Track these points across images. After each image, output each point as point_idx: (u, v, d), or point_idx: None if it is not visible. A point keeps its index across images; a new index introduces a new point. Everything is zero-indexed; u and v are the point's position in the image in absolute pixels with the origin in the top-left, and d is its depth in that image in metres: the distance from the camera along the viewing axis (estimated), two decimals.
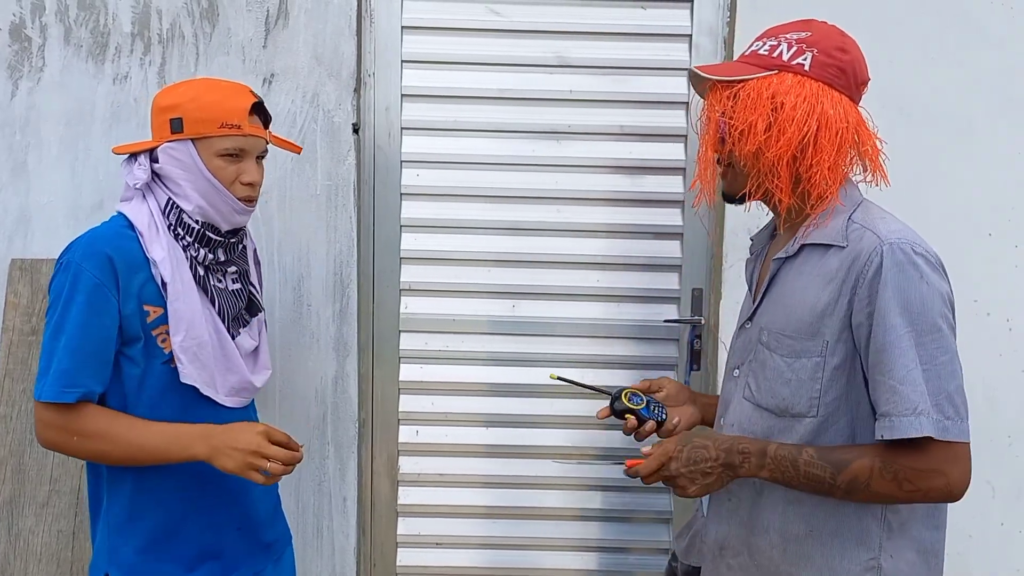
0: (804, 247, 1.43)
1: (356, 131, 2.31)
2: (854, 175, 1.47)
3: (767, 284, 1.49)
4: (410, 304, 2.41)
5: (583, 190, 2.37)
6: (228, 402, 1.67)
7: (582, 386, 1.70)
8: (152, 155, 1.62)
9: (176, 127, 1.59)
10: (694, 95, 2.27)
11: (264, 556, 1.77)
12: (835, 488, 1.33)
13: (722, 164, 1.49)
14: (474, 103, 2.35)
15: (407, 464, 2.46)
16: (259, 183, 1.68)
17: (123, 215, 1.62)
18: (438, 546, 2.47)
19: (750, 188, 1.44)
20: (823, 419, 1.38)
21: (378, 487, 2.46)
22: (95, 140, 2.26)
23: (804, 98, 1.37)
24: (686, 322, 2.40)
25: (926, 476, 1.29)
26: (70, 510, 2.17)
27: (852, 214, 1.40)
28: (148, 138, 1.66)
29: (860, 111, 1.43)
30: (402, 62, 2.33)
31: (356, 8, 2.28)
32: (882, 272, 1.30)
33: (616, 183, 2.38)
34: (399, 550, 2.48)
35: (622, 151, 2.37)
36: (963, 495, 1.33)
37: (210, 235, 1.64)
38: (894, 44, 2.27)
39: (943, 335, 1.30)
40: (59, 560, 2.16)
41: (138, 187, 1.60)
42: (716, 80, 1.44)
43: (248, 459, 1.50)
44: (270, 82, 2.28)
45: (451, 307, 2.41)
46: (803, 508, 1.41)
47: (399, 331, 2.41)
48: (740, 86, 1.42)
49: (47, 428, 1.53)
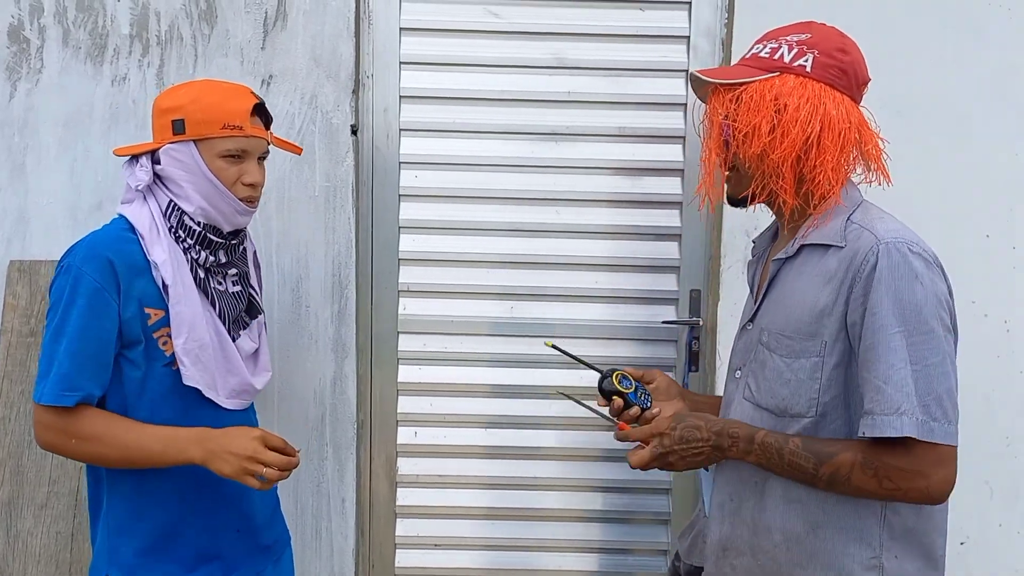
0: (804, 248, 1.43)
1: (354, 132, 2.31)
2: (855, 175, 1.47)
3: (767, 285, 1.49)
4: (408, 305, 2.41)
5: (581, 191, 2.38)
6: (228, 404, 1.67)
7: (575, 359, 1.69)
8: (154, 156, 1.62)
9: (178, 128, 1.59)
10: (692, 97, 2.29)
11: (263, 558, 1.77)
12: (817, 479, 1.35)
13: (726, 167, 1.49)
14: (472, 104, 2.35)
15: (406, 465, 2.46)
16: (261, 184, 1.68)
17: (124, 218, 1.62)
18: (436, 547, 2.47)
19: (755, 190, 1.45)
20: (821, 418, 1.39)
21: (377, 488, 2.46)
22: (94, 141, 2.26)
23: (807, 99, 1.38)
24: (684, 323, 2.40)
25: (907, 476, 1.30)
26: (69, 511, 2.17)
27: (851, 215, 1.41)
28: (147, 139, 1.67)
29: (862, 111, 1.44)
30: (400, 63, 2.34)
31: (354, 9, 2.28)
32: (876, 271, 1.31)
33: (614, 184, 2.38)
34: (398, 551, 2.48)
35: (620, 152, 2.37)
36: (945, 499, 1.32)
37: (211, 237, 1.64)
38: (891, 46, 2.27)
39: (935, 336, 1.30)
40: (58, 561, 2.16)
41: (140, 189, 1.61)
42: (718, 83, 1.44)
43: (244, 464, 1.50)
44: (268, 83, 2.28)
45: (449, 308, 2.41)
46: (804, 506, 1.41)
47: (398, 332, 2.41)
48: (743, 89, 1.42)
49: (46, 430, 1.54)
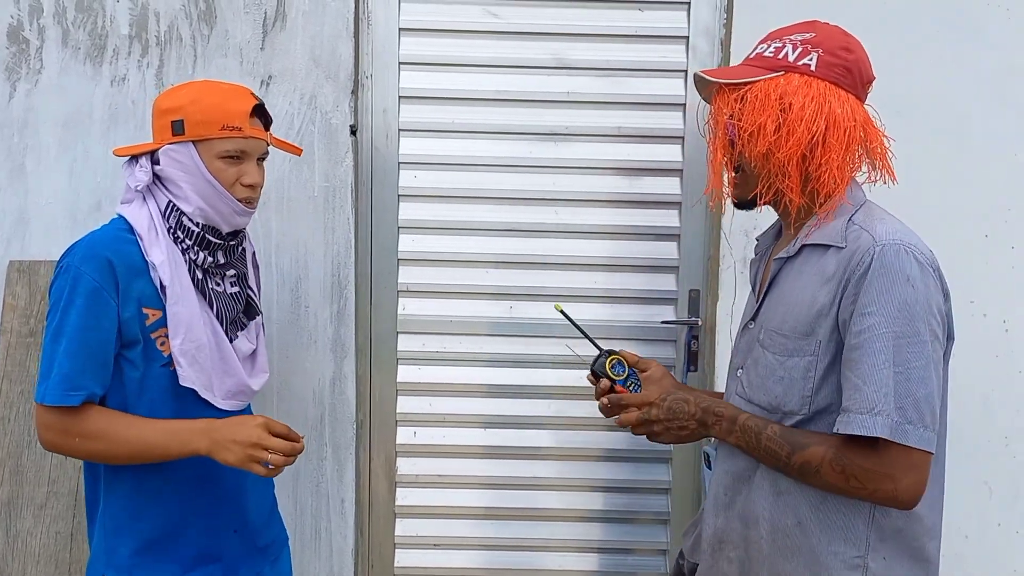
0: (804, 247, 1.44)
1: (354, 133, 2.31)
2: (860, 174, 1.47)
3: (769, 284, 1.49)
4: (408, 305, 2.41)
5: (580, 191, 2.38)
6: (225, 405, 1.67)
7: (580, 330, 1.68)
8: (153, 157, 1.62)
9: (177, 129, 1.59)
10: (692, 97, 2.30)
11: (261, 558, 1.77)
12: (789, 467, 1.37)
13: (732, 168, 1.49)
14: (472, 105, 2.36)
15: (405, 465, 2.46)
16: (260, 185, 1.68)
17: (123, 218, 1.62)
18: (436, 547, 2.47)
19: (761, 189, 1.45)
20: (813, 416, 1.39)
21: (376, 488, 2.46)
22: (93, 142, 2.26)
23: (812, 98, 1.38)
24: (683, 323, 2.40)
25: (875, 477, 1.29)
26: (68, 511, 2.17)
27: (853, 215, 1.41)
28: (146, 140, 1.67)
29: (867, 109, 1.44)
30: (399, 64, 2.34)
31: (353, 10, 2.28)
32: (870, 272, 1.31)
33: (613, 184, 2.39)
34: (397, 551, 2.48)
35: (619, 152, 2.38)
36: (914, 504, 1.31)
37: (210, 238, 1.64)
38: (891, 46, 2.27)
39: (921, 341, 1.29)
40: (57, 561, 2.16)
41: (139, 189, 1.61)
42: (723, 83, 1.44)
43: (249, 451, 1.50)
44: (268, 84, 2.28)
45: (449, 308, 2.41)
46: (791, 499, 1.41)
47: (397, 332, 2.41)
48: (747, 88, 1.42)
49: (48, 431, 1.54)
